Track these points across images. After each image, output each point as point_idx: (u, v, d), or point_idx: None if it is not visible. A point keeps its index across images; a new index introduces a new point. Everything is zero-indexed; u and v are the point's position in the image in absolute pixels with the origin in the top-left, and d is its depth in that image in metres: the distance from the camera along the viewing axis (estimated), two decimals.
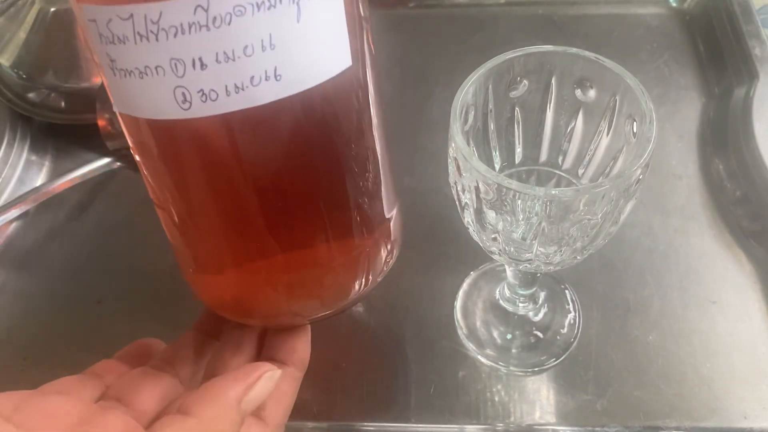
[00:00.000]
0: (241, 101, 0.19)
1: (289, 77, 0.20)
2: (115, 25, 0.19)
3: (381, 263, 0.28)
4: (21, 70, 0.45)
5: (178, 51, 0.19)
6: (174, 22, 0.18)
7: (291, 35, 0.19)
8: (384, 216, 0.27)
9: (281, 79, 0.20)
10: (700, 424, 0.33)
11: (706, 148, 0.44)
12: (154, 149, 0.22)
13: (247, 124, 0.20)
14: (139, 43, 0.19)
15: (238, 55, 0.19)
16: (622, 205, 0.24)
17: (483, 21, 0.53)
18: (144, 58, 0.19)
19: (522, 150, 0.31)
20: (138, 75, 0.19)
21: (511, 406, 0.34)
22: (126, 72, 0.20)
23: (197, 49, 0.19)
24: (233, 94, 0.19)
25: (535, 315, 0.37)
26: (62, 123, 0.47)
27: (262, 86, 0.19)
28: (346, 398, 0.35)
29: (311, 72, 0.20)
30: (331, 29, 0.20)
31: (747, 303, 0.37)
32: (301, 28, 0.19)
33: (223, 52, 0.19)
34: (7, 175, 0.46)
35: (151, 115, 0.20)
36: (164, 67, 0.19)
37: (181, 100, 0.19)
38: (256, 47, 0.19)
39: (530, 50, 0.27)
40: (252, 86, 0.19)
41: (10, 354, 0.38)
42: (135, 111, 0.21)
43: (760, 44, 0.46)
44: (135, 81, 0.20)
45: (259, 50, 0.19)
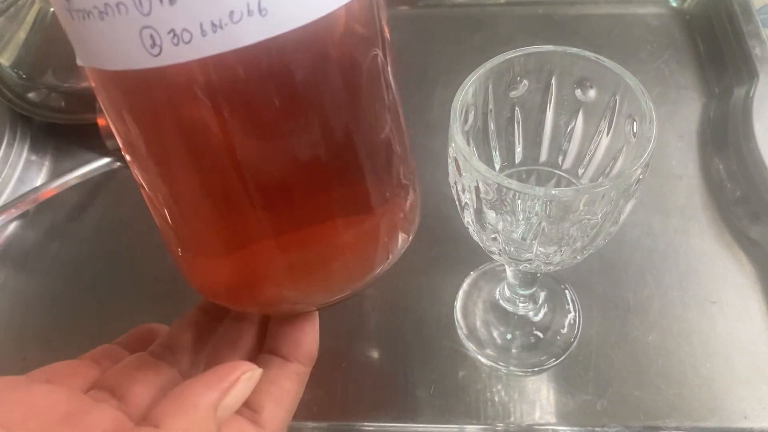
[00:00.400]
0: (220, 43, 0.16)
1: (277, 12, 0.16)
2: None
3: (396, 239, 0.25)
4: (21, 70, 0.45)
5: None
6: None
7: None
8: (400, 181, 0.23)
9: (267, 14, 0.16)
10: (700, 424, 0.33)
11: (706, 148, 0.44)
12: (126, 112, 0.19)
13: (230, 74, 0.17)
14: None
15: None
16: (622, 205, 0.24)
17: (483, 21, 0.53)
18: None
19: (522, 150, 0.31)
20: (98, 15, 0.16)
21: (511, 406, 0.34)
22: (84, 13, 0.17)
23: None
24: (210, 33, 0.16)
25: (535, 315, 0.37)
26: (62, 123, 0.47)
27: (244, 23, 0.16)
28: (346, 398, 0.35)
29: (304, 4, 0.17)
30: None
31: (747, 303, 0.37)
32: None
33: None
34: (7, 175, 0.46)
35: (117, 65, 0.17)
36: (126, 4, 0.16)
37: (149, 44, 0.16)
38: None
39: (530, 50, 0.27)
40: (232, 23, 0.16)
41: (10, 354, 0.38)
42: (99, 62, 0.18)
43: (760, 44, 0.46)
44: (95, 23, 0.17)
45: None
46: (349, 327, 0.37)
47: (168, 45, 0.16)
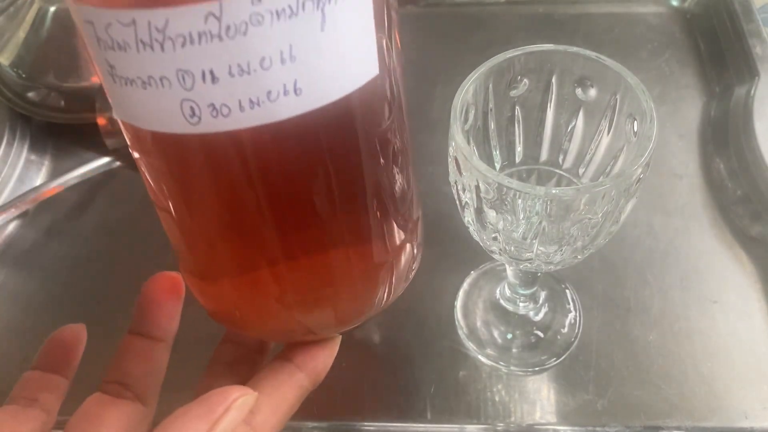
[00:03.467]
0: (256, 117, 0.18)
1: (311, 91, 0.18)
2: (115, 30, 0.17)
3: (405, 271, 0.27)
4: (21, 69, 0.45)
5: (186, 62, 0.17)
6: (182, 31, 0.16)
7: (314, 46, 0.17)
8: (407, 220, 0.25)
9: (301, 93, 0.18)
10: (700, 423, 0.33)
11: (706, 147, 0.44)
12: (156, 157, 0.20)
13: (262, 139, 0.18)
14: (142, 52, 0.17)
15: (253, 68, 0.17)
16: (623, 204, 0.24)
17: (483, 20, 0.53)
18: (147, 68, 0.17)
19: (522, 149, 0.31)
20: (140, 85, 0.18)
21: (512, 406, 0.34)
22: (127, 80, 0.18)
23: (208, 61, 0.17)
24: (247, 109, 0.17)
25: (535, 314, 0.37)
26: (62, 122, 0.47)
27: (280, 101, 0.17)
28: (346, 398, 0.35)
29: (335, 84, 0.18)
30: (357, 37, 0.18)
31: (748, 302, 0.37)
32: (325, 37, 0.17)
33: (237, 64, 0.17)
34: (6, 174, 0.46)
35: (155, 127, 0.19)
36: (170, 79, 0.17)
37: (188, 114, 0.18)
38: (275, 59, 0.17)
39: (531, 49, 0.27)
40: (269, 101, 0.17)
41: (10, 354, 0.38)
42: (137, 121, 0.19)
43: (760, 43, 0.46)
44: (137, 90, 0.18)
45: (277, 62, 0.17)
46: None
47: (207, 116, 0.17)
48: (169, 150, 0.20)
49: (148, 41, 0.16)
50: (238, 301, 0.24)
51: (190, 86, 0.17)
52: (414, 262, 0.27)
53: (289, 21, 0.16)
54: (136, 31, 0.16)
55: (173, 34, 0.16)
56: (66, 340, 0.26)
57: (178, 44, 0.16)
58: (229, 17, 0.16)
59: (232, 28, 0.16)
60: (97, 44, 0.18)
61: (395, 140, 0.22)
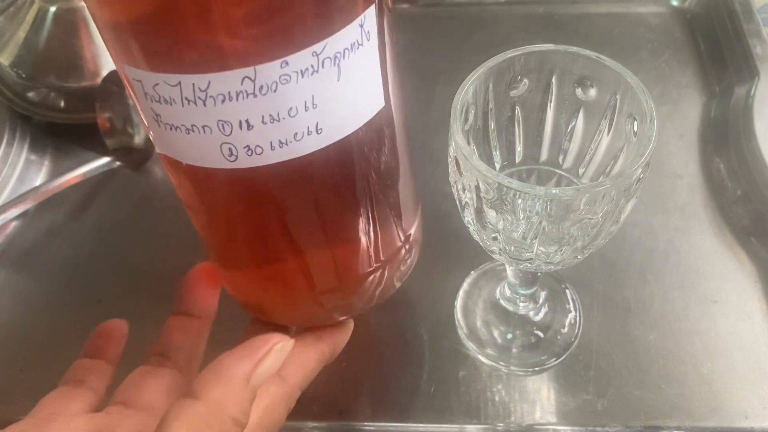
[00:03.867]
0: (285, 154, 0.20)
1: (329, 129, 0.21)
2: (161, 88, 0.19)
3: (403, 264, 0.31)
4: (21, 69, 0.45)
5: (225, 114, 0.19)
6: (222, 91, 0.19)
7: (332, 94, 0.20)
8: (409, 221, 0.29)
9: (322, 132, 0.21)
10: (700, 423, 0.33)
11: (706, 147, 0.44)
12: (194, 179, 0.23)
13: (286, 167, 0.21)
14: (187, 107, 0.19)
15: (282, 117, 0.20)
16: (623, 204, 0.24)
17: (483, 20, 0.53)
18: (191, 119, 0.20)
19: (522, 149, 0.31)
20: (184, 131, 0.20)
21: (512, 406, 0.34)
22: (172, 126, 0.20)
23: (244, 113, 0.19)
24: (277, 148, 0.20)
25: (535, 314, 0.37)
26: (62, 122, 0.47)
27: (305, 140, 0.20)
28: (346, 398, 0.35)
29: (350, 121, 0.21)
30: (367, 80, 0.21)
31: (748, 302, 0.37)
32: (341, 85, 0.20)
33: (269, 114, 0.19)
34: (6, 174, 0.46)
35: (196, 162, 0.21)
36: (211, 127, 0.20)
37: (227, 153, 0.20)
38: (300, 108, 0.20)
39: (531, 49, 0.27)
40: (295, 141, 0.20)
41: (10, 354, 0.38)
42: (179, 157, 0.22)
43: (761, 43, 0.46)
44: (181, 135, 0.20)
45: (302, 110, 0.20)
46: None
47: (243, 155, 0.20)
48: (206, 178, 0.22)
49: (192, 99, 0.19)
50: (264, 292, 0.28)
51: (228, 133, 0.20)
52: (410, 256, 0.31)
53: (311, 77, 0.19)
54: (182, 91, 0.19)
55: (214, 93, 0.19)
56: (110, 331, 0.29)
57: (218, 101, 0.19)
58: (262, 79, 0.18)
59: (265, 87, 0.19)
60: (144, 97, 0.20)
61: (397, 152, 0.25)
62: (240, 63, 0.18)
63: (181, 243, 0.31)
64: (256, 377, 0.22)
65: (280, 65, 0.18)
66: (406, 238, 0.29)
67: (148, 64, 0.19)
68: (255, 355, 0.23)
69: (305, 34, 0.19)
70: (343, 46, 0.19)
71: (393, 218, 0.27)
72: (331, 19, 0.19)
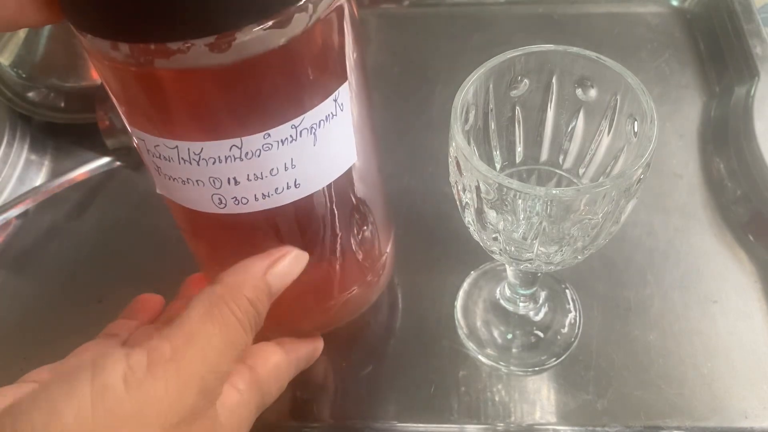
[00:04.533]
0: (267, 204, 0.24)
1: (307, 184, 0.24)
2: (161, 149, 0.22)
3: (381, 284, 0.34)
4: (21, 69, 0.45)
5: (215, 172, 0.22)
6: (213, 155, 0.22)
7: (308, 156, 0.23)
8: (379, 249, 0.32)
9: (300, 186, 0.24)
10: (700, 423, 0.33)
11: (707, 147, 0.44)
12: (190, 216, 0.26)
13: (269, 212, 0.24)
14: (183, 164, 0.22)
15: (265, 175, 0.22)
16: (623, 204, 0.24)
17: (483, 20, 0.53)
18: (186, 174, 0.23)
19: (523, 149, 0.31)
20: (180, 182, 0.23)
21: (512, 406, 0.34)
22: (170, 177, 0.23)
23: (232, 172, 0.22)
24: (261, 200, 0.23)
25: (535, 314, 0.37)
26: (62, 122, 0.47)
27: (284, 193, 0.23)
28: (346, 398, 0.35)
29: (325, 177, 0.24)
30: (341, 142, 0.24)
31: (748, 302, 0.37)
32: (317, 149, 0.23)
33: (254, 173, 0.22)
34: (6, 174, 0.46)
35: (191, 206, 0.24)
36: (204, 181, 0.23)
37: (217, 202, 0.23)
38: (280, 168, 0.23)
39: (531, 49, 0.27)
40: (276, 194, 0.23)
41: (10, 354, 0.37)
42: (175, 199, 0.25)
43: (761, 43, 0.46)
44: (178, 185, 0.23)
45: (282, 170, 0.23)
46: (349, 327, 0.37)
47: (231, 204, 0.23)
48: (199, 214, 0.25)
49: (188, 159, 0.22)
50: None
51: (219, 187, 0.23)
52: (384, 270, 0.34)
53: (290, 144, 0.22)
54: (179, 153, 0.22)
55: (206, 157, 0.22)
56: (147, 300, 0.31)
57: (210, 162, 0.22)
58: (247, 147, 0.21)
59: (250, 153, 0.22)
60: (147, 153, 0.23)
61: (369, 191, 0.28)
62: (229, 135, 0.21)
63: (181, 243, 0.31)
64: (273, 275, 0.24)
65: (263, 136, 0.21)
66: (381, 259, 0.33)
67: (150, 131, 0.22)
68: (271, 256, 0.24)
69: (285, 111, 0.21)
70: (319, 118, 0.22)
71: (368, 245, 0.30)
72: (309, 99, 0.22)
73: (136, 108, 0.22)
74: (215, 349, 0.21)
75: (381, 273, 0.33)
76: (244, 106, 0.21)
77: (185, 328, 0.21)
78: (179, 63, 0.19)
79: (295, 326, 0.31)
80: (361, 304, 0.34)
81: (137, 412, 0.18)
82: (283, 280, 0.24)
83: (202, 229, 0.27)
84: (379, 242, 0.32)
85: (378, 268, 0.33)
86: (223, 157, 0.22)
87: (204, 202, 0.23)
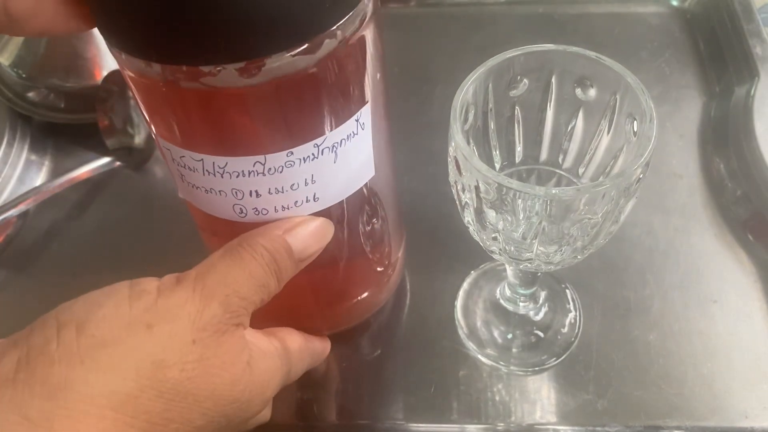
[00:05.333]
0: (286, 215, 0.24)
1: (325, 198, 0.25)
2: (187, 160, 0.23)
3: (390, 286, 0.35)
4: (21, 69, 0.45)
5: (238, 185, 0.23)
6: (237, 169, 0.22)
7: (329, 172, 0.24)
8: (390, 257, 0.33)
9: (319, 200, 0.24)
10: (700, 423, 0.33)
11: (706, 147, 0.44)
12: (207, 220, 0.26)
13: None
14: (207, 176, 0.23)
15: (286, 189, 0.23)
16: (623, 204, 0.24)
17: (483, 20, 0.53)
18: (209, 184, 0.23)
19: (522, 149, 0.31)
20: (203, 191, 0.24)
21: (512, 406, 0.34)
22: (194, 186, 0.24)
23: (254, 185, 0.23)
24: (281, 211, 0.24)
25: (535, 314, 0.37)
26: (62, 122, 0.47)
27: (304, 206, 0.24)
28: (347, 398, 0.35)
29: (344, 191, 0.25)
30: (361, 159, 0.25)
31: (748, 302, 0.37)
32: (337, 165, 0.24)
33: (275, 188, 0.23)
34: (6, 174, 0.46)
35: (212, 213, 0.25)
36: (226, 192, 0.23)
37: (238, 212, 0.24)
38: (301, 183, 0.23)
39: (530, 49, 0.27)
40: (295, 207, 0.24)
41: None
42: (197, 205, 0.25)
43: (761, 43, 0.46)
44: (201, 193, 0.24)
45: (303, 185, 0.23)
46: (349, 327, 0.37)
47: (251, 214, 0.24)
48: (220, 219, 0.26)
49: (212, 171, 0.23)
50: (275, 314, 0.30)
51: (240, 198, 0.24)
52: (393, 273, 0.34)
53: (311, 162, 0.23)
54: (204, 165, 0.23)
55: (230, 170, 0.22)
56: None
57: (233, 176, 0.23)
58: (270, 163, 0.22)
59: (273, 169, 0.22)
60: (172, 161, 0.24)
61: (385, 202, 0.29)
62: (254, 152, 0.22)
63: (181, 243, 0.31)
64: (292, 235, 0.24)
65: (286, 154, 0.22)
66: (391, 264, 0.33)
67: (176, 143, 0.23)
68: (291, 221, 0.24)
69: (309, 131, 0.22)
70: (341, 137, 0.23)
71: (380, 252, 0.31)
72: (332, 120, 0.22)
73: (164, 121, 0.22)
74: (234, 276, 0.23)
75: (392, 276, 0.34)
76: (269, 126, 0.22)
77: (206, 262, 0.23)
78: (208, 83, 0.20)
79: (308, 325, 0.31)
80: (372, 305, 0.34)
81: (167, 311, 0.21)
82: (304, 243, 0.24)
83: (221, 230, 0.27)
84: (392, 247, 0.32)
85: (390, 271, 0.33)
86: (247, 171, 0.22)
87: (225, 210, 0.24)
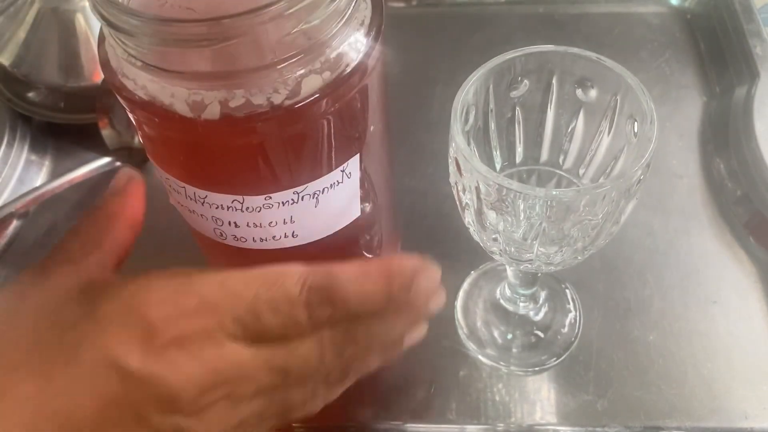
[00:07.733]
0: (264, 246, 0.25)
1: (304, 235, 0.25)
2: (171, 182, 0.24)
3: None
4: (21, 69, 0.45)
5: (218, 214, 0.24)
6: (216, 203, 0.23)
7: (309, 215, 0.24)
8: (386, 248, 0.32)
9: (298, 237, 0.24)
10: (700, 424, 0.33)
11: (707, 148, 0.44)
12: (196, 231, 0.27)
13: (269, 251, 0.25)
14: (189, 201, 0.24)
15: (264, 225, 0.24)
16: (623, 205, 0.24)
17: (483, 20, 0.53)
18: (192, 207, 0.24)
19: (523, 150, 0.31)
20: (188, 211, 0.25)
21: (512, 406, 0.34)
22: (179, 204, 0.25)
23: (232, 218, 0.24)
24: (258, 242, 0.25)
25: (535, 314, 0.37)
26: (62, 122, 0.47)
27: (282, 241, 0.24)
28: (347, 398, 0.35)
29: (324, 230, 0.25)
30: (344, 203, 0.24)
31: (748, 303, 0.37)
32: (319, 210, 0.24)
33: (253, 223, 0.24)
34: (7, 174, 0.45)
35: (195, 228, 0.26)
36: (207, 217, 0.24)
37: (218, 235, 0.25)
38: (279, 222, 0.23)
39: (531, 50, 0.27)
40: (273, 240, 0.24)
41: None
42: (183, 216, 0.26)
43: (761, 43, 0.46)
44: (185, 211, 0.25)
45: (281, 223, 0.24)
46: None
47: (230, 239, 0.25)
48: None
49: (194, 198, 0.24)
50: None
51: (220, 224, 0.24)
52: None
53: (291, 206, 0.23)
54: (186, 192, 0.24)
55: (210, 202, 0.23)
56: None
57: (213, 207, 0.23)
58: (248, 203, 0.23)
59: (250, 208, 0.23)
60: (160, 176, 0.25)
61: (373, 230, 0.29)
62: (232, 192, 0.22)
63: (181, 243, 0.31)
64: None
65: (264, 198, 0.22)
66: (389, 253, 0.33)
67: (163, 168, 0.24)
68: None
69: (288, 181, 0.22)
70: (323, 186, 0.23)
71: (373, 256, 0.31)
72: (314, 172, 0.22)
73: (151, 144, 0.23)
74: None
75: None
76: (248, 172, 0.22)
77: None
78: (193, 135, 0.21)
79: None
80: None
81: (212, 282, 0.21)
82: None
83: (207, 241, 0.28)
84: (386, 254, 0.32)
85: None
86: (225, 206, 0.23)
87: (207, 230, 0.25)
